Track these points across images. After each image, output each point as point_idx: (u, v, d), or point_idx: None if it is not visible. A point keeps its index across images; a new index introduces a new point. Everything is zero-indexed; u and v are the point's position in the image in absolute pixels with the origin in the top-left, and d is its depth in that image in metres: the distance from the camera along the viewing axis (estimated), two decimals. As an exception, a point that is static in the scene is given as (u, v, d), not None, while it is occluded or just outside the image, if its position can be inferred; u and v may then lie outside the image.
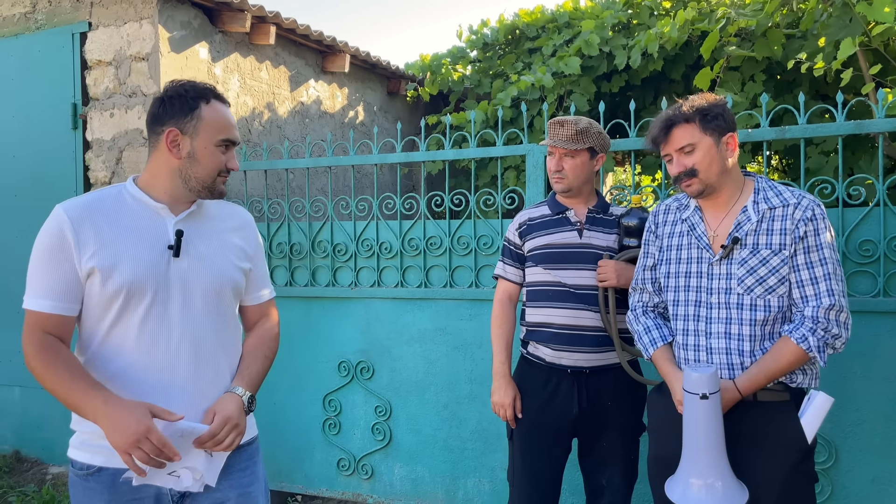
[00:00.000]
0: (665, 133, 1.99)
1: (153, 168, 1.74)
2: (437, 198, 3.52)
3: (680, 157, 1.99)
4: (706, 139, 1.97)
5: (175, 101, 1.71)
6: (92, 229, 1.63)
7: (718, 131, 1.97)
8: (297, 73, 5.16)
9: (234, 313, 1.85)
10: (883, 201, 2.76)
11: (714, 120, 1.96)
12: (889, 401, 2.77)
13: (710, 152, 1.97)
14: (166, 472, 1.64)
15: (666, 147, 2.02)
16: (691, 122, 1.96)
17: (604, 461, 2.54)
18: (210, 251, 1.77)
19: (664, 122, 1.99)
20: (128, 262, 1.63)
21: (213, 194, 1.76)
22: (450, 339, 3.52)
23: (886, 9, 3.19)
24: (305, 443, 3.86)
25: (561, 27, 5.52)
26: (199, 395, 1.72)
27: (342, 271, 3.78)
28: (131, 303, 1.64)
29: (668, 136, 1.99)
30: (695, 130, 1.96)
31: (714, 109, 1.96)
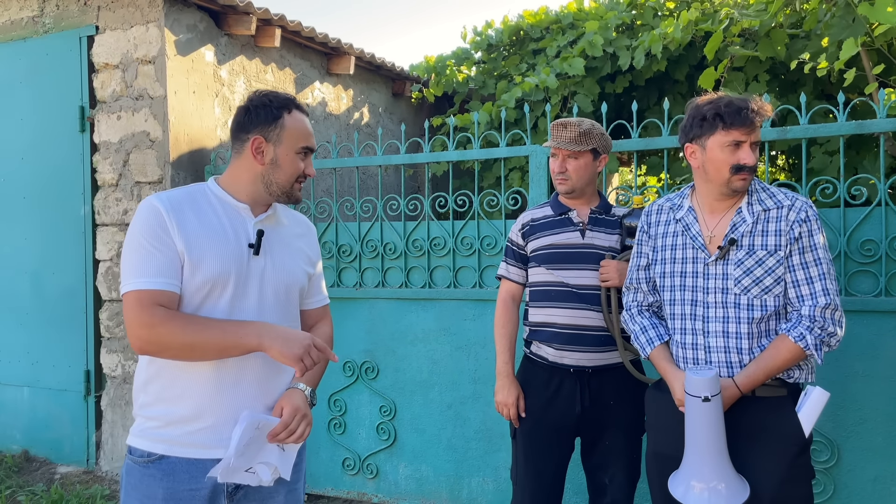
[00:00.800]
0: (752, 123, 1.95)
1: (236, 171, 1.82)
2: (440, 199, 3.55)
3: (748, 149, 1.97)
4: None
5: (260, 110, 1.78)
6: (182, 222, 1.71)
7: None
8: (302, 75, 5.20)
9: (297, 314, 1.93)
10: (885, 201, 2.77)
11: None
12: (891, 400, 2.77)
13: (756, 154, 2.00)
14: (244, 470, 1.69)
15: (746, 135, 1.96)
16: (759, 128, 1.99)
17: (606, 460, 2.55)
18: (283, 253, 1.86)
19: (754, 111, 1.95)
20: (213, 255, 1.71)
21: (290, 199, 1.85)
22: (454, 339, 3.54)
23: (889, 9, 3.20)
24: (310, 442, 3.89)
25: (565, 28, 5.54)
26: (266, 389, 1.79)
27: (347, 272, 3.81)
28: (213, 294, 1.71)
29: (753, 126, 1.96)
30: (758, 135, 1.99)
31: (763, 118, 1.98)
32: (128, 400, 4.17)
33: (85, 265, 4.34)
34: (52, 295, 4.44)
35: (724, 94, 2.09)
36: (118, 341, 4.22)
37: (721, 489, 1.90)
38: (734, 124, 1.94)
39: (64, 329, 4.40)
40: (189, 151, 4.17)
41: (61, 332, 4.41)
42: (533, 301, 2.62)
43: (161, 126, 4.06)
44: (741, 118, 1.94)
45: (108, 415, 4.25)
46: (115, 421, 4.22)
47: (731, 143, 1.96)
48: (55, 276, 4.43)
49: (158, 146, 4.07)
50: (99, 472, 4.26)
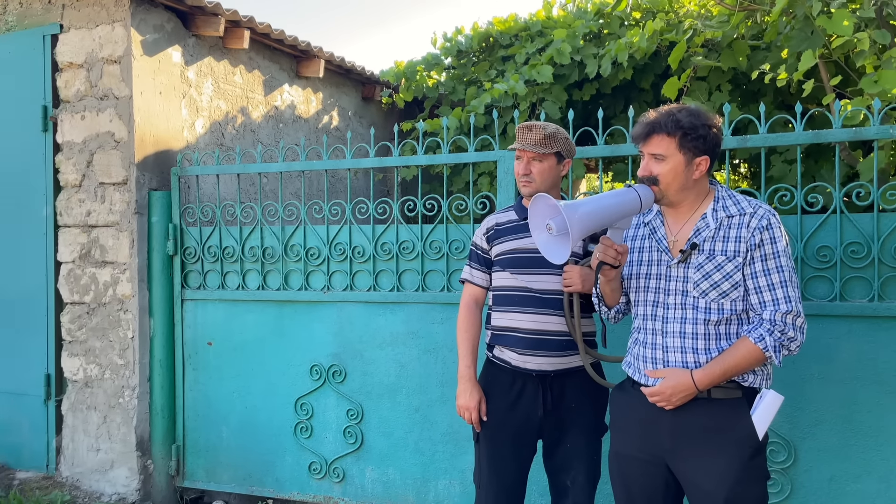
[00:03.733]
0: (645, 136, 2.05)
1: None
2: (409, 203, 3.56)
3: (650, 162, 2.05)
4: (678, 156, 2.02)
5: None
6: None
7: (693, 152, 2.02)
8: (271, 78, 5.17)
9: None
10: (839, 209, 2.86)
11: (694, 140, 2.00)
12: (845, 402, 2.86)
13: (676, 169, 2.03)
14: None
15: (642, 147, 2.08)
16: (672, 136, 2.01)
17: (567, 462, 2.59)
18: None
19: (648, 124, 2.04)
20: None
21: None
22: (422, 342, 3.56)
23: (845, 22, 3.31)
24: (277, 446, 3.87)
25: (534, 35, 5.60)
26: None
27: (315, 275, 3.80)
28: None
29: (646, 140, 2.05)
30: (671, 145, 2.02)
31: (699, 130, 2.00)
32: (90, 404, 4.11)
33: (46, 267, 4.26)
34: (12, 297, 4.35)
35: (684, 104, 2.14)
36: (80, 345, 4.15)
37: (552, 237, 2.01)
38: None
39: (23, 332, 4.31)
40: (155, 153, 4.13)
41: (20, 335, 4.32)
42: (496, 305, 2.65)
43: (126, 127, 4.01)
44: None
45: (68, 419, 4.17)
46: (76, 426, 4.15)
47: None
48: (15, 277, 4.34)
49: (123, 147, 4.02)
50: (59, 478, 4.17)
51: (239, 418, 3.96)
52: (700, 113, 2.05)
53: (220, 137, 4.68)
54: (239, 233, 3.93)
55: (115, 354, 4.06)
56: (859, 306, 2.82)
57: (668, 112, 2.05)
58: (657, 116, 2.05)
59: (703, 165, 2.04)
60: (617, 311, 2.30)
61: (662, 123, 2.02)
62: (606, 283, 2.15)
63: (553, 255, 2.02)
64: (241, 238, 3.92)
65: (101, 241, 4.09)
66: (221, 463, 4.01)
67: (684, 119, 2.01)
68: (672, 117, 2.02)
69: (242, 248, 3.93)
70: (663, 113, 2.05)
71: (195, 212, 4.04)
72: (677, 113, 2.03)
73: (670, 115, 2.03)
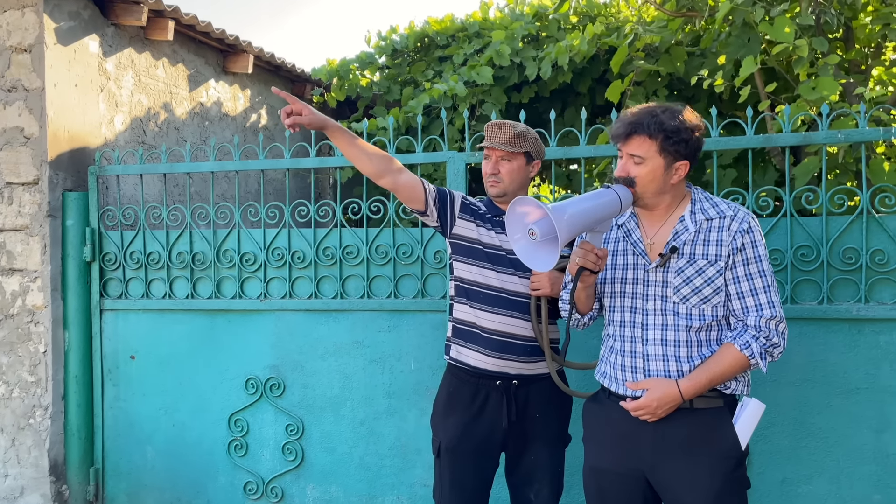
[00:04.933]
0: (625, 135, 1.96)
1: None
2: (354, 205, 3.39)
3: (627, 163, 1.97)
4: (657, 160, 1.94)
5: None
6: None
7: (674, 156, 1.94)
8: (196, 73, 4.88)
9: None
10: (790, 212, 2.88)
11: (676, 144, 1.92)
12: (797, 405, 2.88)
13: (654, 172, 1.95)
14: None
15: (621, 146, 1.99)
16: (653, 138, 1.92)
17: (532, 475, 2.49)
18: None
19: (630, 124, 1.95)
20: None
21: None
22: (367, 352, 3.39)
23: (787, 29, 3.36)
24: (209, 466, 3.61)
25: (471, 36, 5.52)
26: None
27: (250, 282, 3.56)
28: None
29: (626, 139, 1.96)
30: (651, 147, 1.93)
31: (681, 134, 1.92)
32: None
33: (-57, 275, 3.83)
34: None
35: (666, 103, 2.07)
36: (-17, 361, 3.75)
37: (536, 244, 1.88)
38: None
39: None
40: (70, 150, 3.79)
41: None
42: (458, 296, 2.51)
43: (38, 121, 3.66)
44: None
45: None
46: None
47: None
48: None
49: (34, 144, 3.67)
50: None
51: (165, 437, 3.67)
52: (683, 115, 1.96)
53: (142, 135, 4.36)
54: (165, 237, 3.64)
55: (25, 371, 3.69)
56: (809, 309, 2.85)
57: (650, 112, 1.95)
58: (639, 116, 1.95)
59: (683, 170, 1.97)
60: (590, 317, 2.20)
61: (645, 124, 1.93)
62: (583, 289, 2.05)
63: (537, 263, 1.90)
64: (168, 243, 3.64)
65: (8, 246, 3.72)
66: (146, 486, 3.71)
67: (667, 121, 1.92)
68: (655, 118, 1.92)
69: (169, 253, 3.65)
70: (645, 112, 1.96)
71: (115, 214, 3.72)
72: (661, 114, 1.94)
73: (653, 116, 1.93)
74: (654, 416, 1.93)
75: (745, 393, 2.04)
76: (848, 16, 3.83)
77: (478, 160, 3.20)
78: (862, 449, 2.80)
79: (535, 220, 1.87)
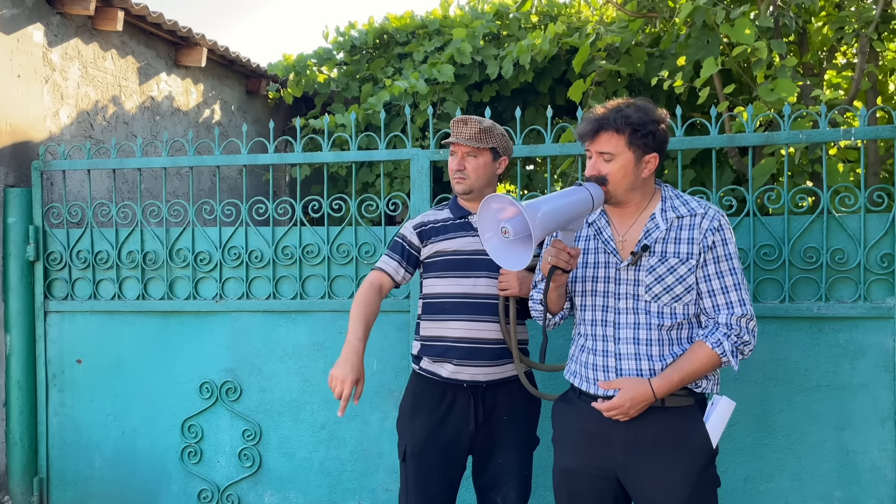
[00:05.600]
0: (593, 133, 1.94)
1: None
2: (314, 203, 3.29)
3: (598, 161, 1.94)
4: (627, 154, 1.93)
5: None
6: None
7: (643, 149, 1.94)
8: (147, 65, 4.70)
9: None
10: (752, 212, 2.90)
11: (644, 137, 1.92)
12: (759, 403, 2.90)
13: (626, 167, 1.93)
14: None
15: (589, 146, 1.97)
16: (621, 133, 1.91)
17: (499, 478, 2.44)
18: None
19: (596, 121, 1.94)
20: None
21: None
22: (328, 354, 3.29)
23: (747, 31, 3.40)
24: (160, 474, 3.46)
25: (431, 34, 5.47)
26: None
27: (205, 282, 3.43)
28: None
29: (594, 137, 1.94)
30: (620, 142, 1.92)
31: (648, 126, 1.92)
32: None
33: None
34: None
35: (630, 99, 2.05)
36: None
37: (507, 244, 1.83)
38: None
39: None
40: (12, 144, 3.59)
41: None
42: (426, 314, 2.46)
43: (-24, 113, 3.46)
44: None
45: None
46: None
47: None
48: None
49: (-28, 136, 3.47)
50: None
51: (115, 445, 3.51)
52: (648, 108, 1.97)
53: (89, 129, 4.17)
54: (115, 235, 3.48)
55: (-38, 377, 3.49)
56: (771, 307, 2.87)
57: (615, 108, 1.96)
58: (605, 113, 1.95)
59: (653, 163, 1.96)
60: (561, 316, 2.17)
61: (611, 120, 1.92)
62: (555, 288, 2.01)
63: (509, 262, 1.85)
64: (118, 241, 3.49)
65: (-57, 245, 3.51)
66: (94, 496, 3.54)
67: (633, 115, 1.92)
68: (620, 113, 1.93)
69: (119, 252, 3.49)
70: (611, 109, 1.96)
71: (61, 212, 3.55)
72: (625, 108, 1.94)
73: (619, 112, 1.93)
74: (626, 415, 1.91)
75: (715, 391, 2.03)
76: (804, 19, 3.90)
77: (442, 158, 3.14)
78: (823, 446, 2.83)
79: (507, 217, 1.82)
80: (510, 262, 1.85)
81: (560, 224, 1.85)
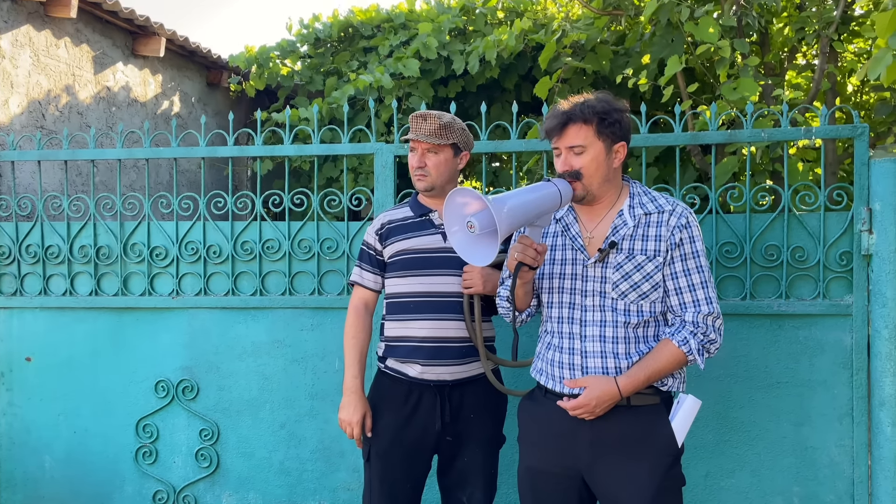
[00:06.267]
0: (560, 128, 1.92)
1: None
2: (275, 197, 3.21)
3: (568, 156, 1.92)
4: (598, 144, 1.92)
5: None
6: None
7: (612, 138, 1.93)
8: (102, 54, 4.56)
9: None
10: (715, 209, 2.91)
11: (611, 126, 1.91)
12: (720, 399, 2.91)
13: (598, 158, 1.92)
14: None
15: (558, 141, 1.94)
16: (588, 123, 1.90)
17: (465, 477, 2.41)
18: None
19: (563, 115, 1.91)
20: None
21: None
22: (288, 351, 3.23)
23: (711, 29, 3.42)
24: (114, 475, 3.36)
25: (397, 28, 5.41)
26: None
27: (161, 278, 3.33)
28: None
29: (562, 132, 1.92)
30: (589, 132, 1.91)
31: (613, 115, 1.92)
32: None
33: None
34: None
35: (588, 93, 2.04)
36: None
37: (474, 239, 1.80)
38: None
39: None
40: (-43, 133, 3.45)
41: None
42: (390, 314, 2.41)
43: (-82, 100, 3.32)
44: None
45: None
46: None
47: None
48: None
49: (-86, 124, 3.32)
50: None
51: (66, 445, 3.40)
52: (609, 99, 1.97)
53: (41, 119, 4.03)
54: (66, 229, 3.36)
55: None
56: (733, 305, 2.89)
57: (579, 102, 1.95)
58: (570, 107, 1.94)
59: (622, 152, 1.95)
60: (528, 314, 2.14)
61: (578, 112, 1.90)
62: (521, 285, 1.98)
63: (474, 257, 1.81)
64: (70, 235, 3.36)
65: None
66: (44, 497, 3.42)
67: (598, 105, 1.92)
68: (585, 104, 1.92)
69: (71, 247, 3.37)
70: (575, 103, 1.95)
71: (10, 204, 3.41)
72: (588, 100, 1.94)
73: (584, 103, 1.93)
74: (592, 414, 1.89)
75: (682, 390, 2.03)
76: (766, 19, 3.94)
77: (406, 152, 3.09)
78: (782, 442, 2.86)
79: (473, 212, 1.79)
80: (475, 258, 1.81)
81: (527, 219, 1.82)
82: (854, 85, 4.66)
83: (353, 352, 2.41)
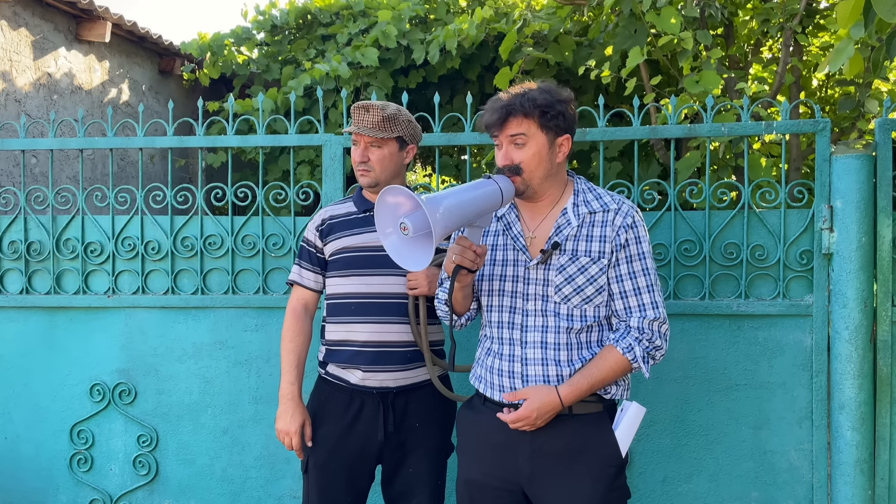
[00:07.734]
0: (501, 121, 1.79)
1: None
2: (217, 191, 3.05)
3: (509, 149, 1.80)
4: (540, 137, 1.81)
5: None
6: None
7: (555, 131, 1.82)
8: (42, 39, 4.33)
9: None
10: (674, 206, 2.81)
11: (554, 118, 1.80)
12: (678, 402, 2.83)
13: (540, 153, 1.81)
14: None
15: (498, 134, 1.82)
16: (530, 116, 1.79)
17: (410, 488, 2.29)
18: None
19: (503, 108, 1.79)
20: None
21: None
22: (231, 353, 3.07)
23: (673, 20, 3.32)
24: (47, 484, 3.18)
25: (356, 15, 5.24)
26: None
27: (96, 275, 3.15)
28: None
29: (503, 125, 1.80)
30: (531, 126, 1.80)
31: (557, 107, 1.80)
32: None
33: None
34: None
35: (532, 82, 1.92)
36: None
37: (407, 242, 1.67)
38: None
39: None
40: None
41: None
42: (331, 316, 2.28)
43: None
44: None
45: None
46: None
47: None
48: None
49: None
50: None
51: (-4, 452, 3.21)
52: (552, 89, 1.86)
53: (-27, 106, 3.81)
54: (-5, 223, 3.17)
55: None
56: (691, 304, 2.80)
57: (520, 92, 1.83)
58: (510, 98, 1.82)
59: (566, 146, 1.84)
60: (468, 317, 2.02)
61: (518, 104, 1.78)
62: (460, 288, 1.85)
63: (409, 262, 1.67)
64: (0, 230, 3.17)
65: None
66: (-29, 509, 3.23)
67: (539, 97, 1.80)
68: (526, 96, 1.80)
69: (0, 242, 3.17)
70: (516, 94, 1.83)
71: (-67, 196, 3.20)
72: (529, 91, 1.83)
73: (525, 95, 1.81)
74: (533, 426, 1.78)
75: (626, 397, 1.92)
76: (731, 11, 3.86)
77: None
78: (740, 446, 2.78)
79: (407, 212, 1.65)
80: (411, 262, 1.68)
81: (465, 220, 1.69)
82: (819, 80, 4.61)
83: (291, 356, 2.28)
